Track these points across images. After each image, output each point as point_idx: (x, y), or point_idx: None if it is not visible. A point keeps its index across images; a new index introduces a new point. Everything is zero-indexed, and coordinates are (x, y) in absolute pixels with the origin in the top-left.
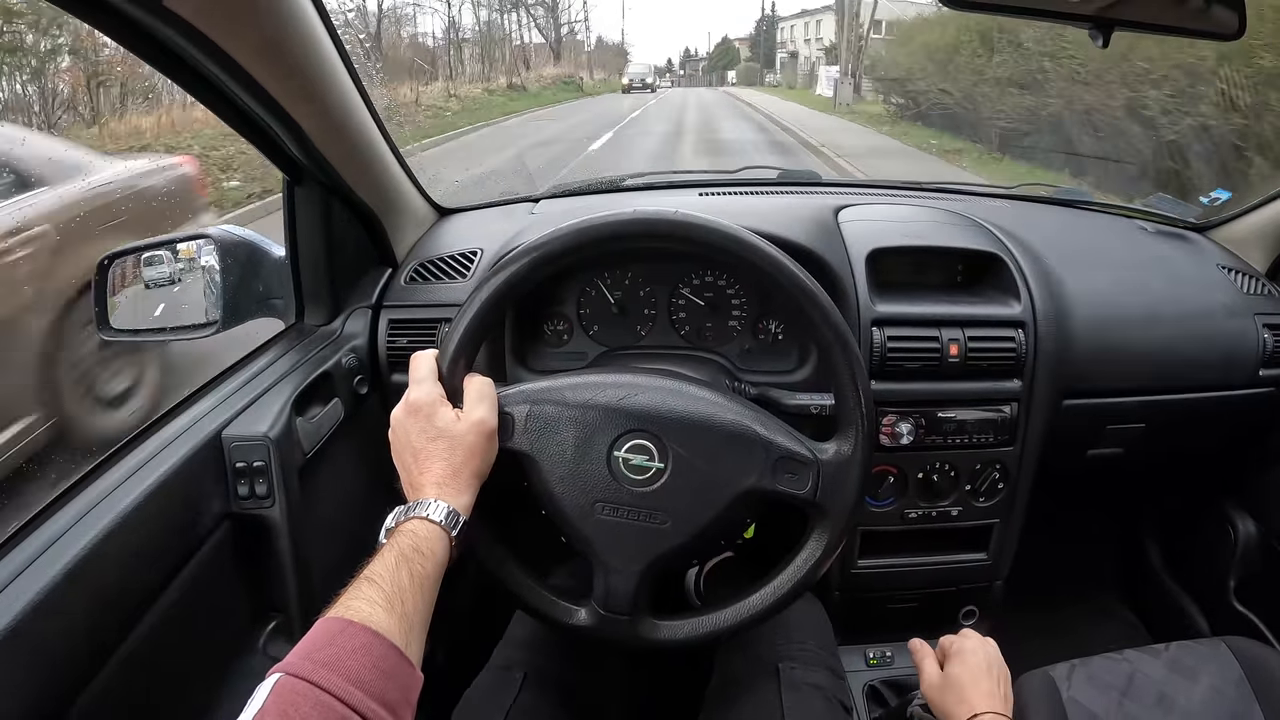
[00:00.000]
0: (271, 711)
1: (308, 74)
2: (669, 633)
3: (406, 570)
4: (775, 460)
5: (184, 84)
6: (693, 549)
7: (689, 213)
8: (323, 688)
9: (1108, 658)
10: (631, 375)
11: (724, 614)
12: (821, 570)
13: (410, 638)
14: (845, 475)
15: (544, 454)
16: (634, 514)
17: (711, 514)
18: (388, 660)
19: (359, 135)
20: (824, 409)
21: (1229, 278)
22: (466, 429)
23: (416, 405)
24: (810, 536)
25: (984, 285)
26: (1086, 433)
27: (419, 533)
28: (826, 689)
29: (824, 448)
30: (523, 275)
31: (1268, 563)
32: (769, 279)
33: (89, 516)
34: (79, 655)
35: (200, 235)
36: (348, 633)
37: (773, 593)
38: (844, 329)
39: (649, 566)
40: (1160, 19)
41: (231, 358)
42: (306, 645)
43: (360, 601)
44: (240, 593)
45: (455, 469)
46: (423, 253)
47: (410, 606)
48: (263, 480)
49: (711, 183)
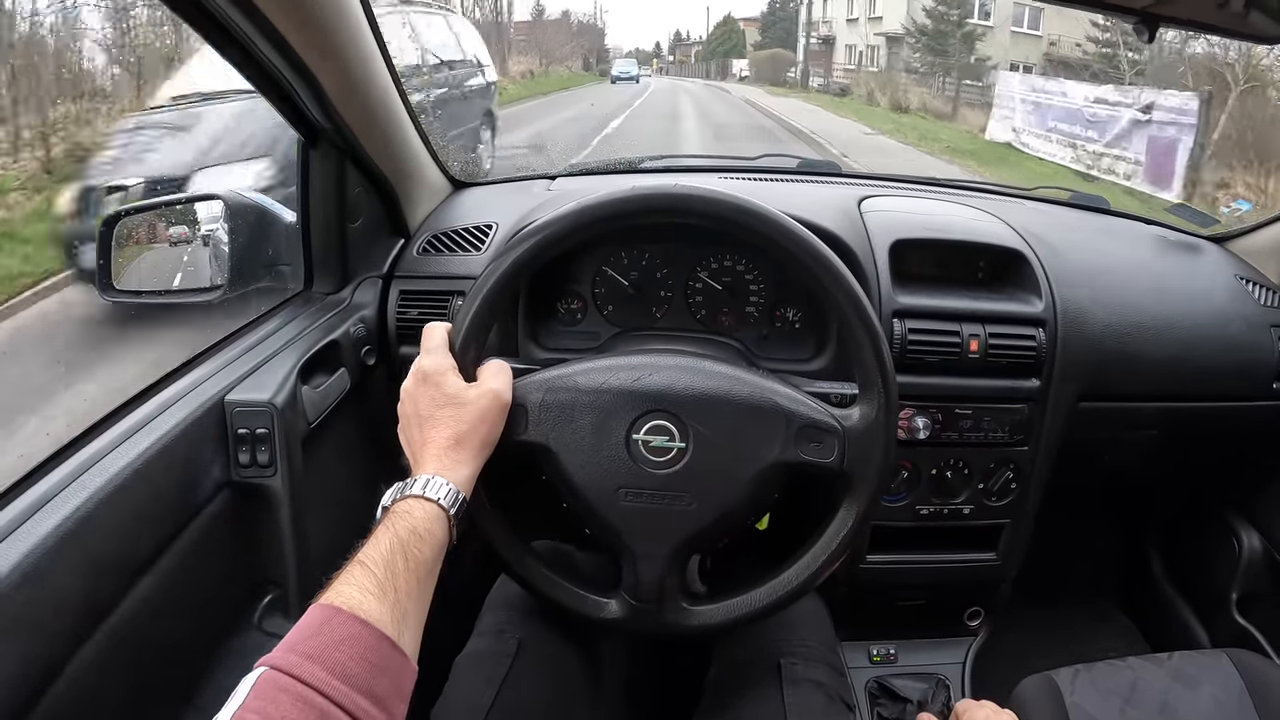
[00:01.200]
0: (251, 708)
1: (331, 29)
2: (703, 618)
3: (402, 555)
4: (798, 430)
5: (206, 34)
6: (721, 528)
7: (689, 184)
8: (305, 681)
9: (1111, 664)
10: (644, 356)
11: (758, 593)
12: (854, 541)
13: (404, 627)
14: (872, 441)
15: (561, 443)
16: (658, 497)
17: (738, 491)
18: (377, 651)
19: (379, 99)
20: (843, 397)
21: (1246, 289)
22: (477, 395)
23: (426, 372)
24: (840, 506)
25: (1006, 282)
26: (1101, 436)
27: (416, 514)
28: (828, 686)
29: (848, 414)
30: (556, 240)
31: (1271, 576)
32: (778, 248)
33: (84, 478)
34: (70, 622)
35: (210, 196)
36: (335, 622)
37: (806, 567)
38: (858, 292)
39: (678, 550)
40: (1201, 17)
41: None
42: (293, 636)
43: (351, 588)
44: (236, 564)
45: (460, 437)
46: (436, 224)
47: (404, 594)
48: (265, 448)
49: (731, 167)
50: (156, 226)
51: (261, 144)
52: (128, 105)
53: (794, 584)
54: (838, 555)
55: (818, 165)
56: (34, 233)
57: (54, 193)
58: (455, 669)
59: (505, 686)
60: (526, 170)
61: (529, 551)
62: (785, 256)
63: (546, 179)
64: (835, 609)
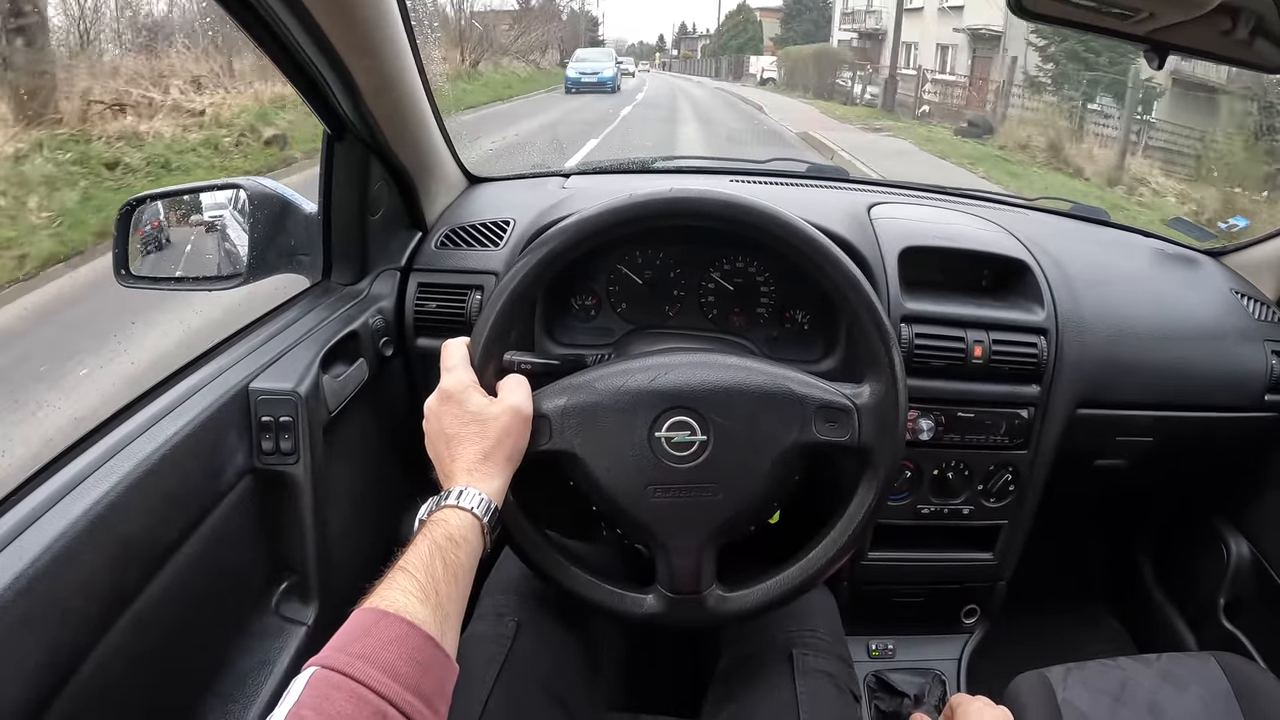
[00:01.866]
0: (307, 705)
1: (371, 27)
2: (740, 603)
3: (440, 560)
4: (814, 411)
5: (246, 27)
6: (748, 514)
7: (683, 187)
8: (358, 680)
9: (1102, 664)
10: (658, 356)
11: (791, 573)
12: (877, 514)
13: (445, 628)
14: (885, 414)
15: (586, 449)
16: (685, 491)
17: (760, 476)
18: (423, 651)
19: (408, 94)
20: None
21: (1241, 303)
22: (499, 411)
23: (449, 392)
24: (861, 482)
25: (1009, 291)
26: (1096, 443)
27: (451, 522)
28: (838, 677)
29: (859, 390)
30: (555, 257)
31: (1259, 584)
32: (773, 238)
33: (112, 462)
34: (97, 607)
35: (231, 184)
36: (383, 624)
37: (834, 542)
38: (854, 271)
39: (709, 539)
40: (1207, 46)
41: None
42: (342, 637)
43: (395, 592)
44: (256, 550)
45: (487, 452)
46: (454, 219)
47: (445, 597)
48: (288, 436)
49: (741, 170)
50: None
51: None
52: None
53: (822, 560)
54: (863, 529)
55: (827, 170)
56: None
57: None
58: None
59: (506, 666)
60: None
61: (564, 557)
62: (782, 246)
63: (560, 176)
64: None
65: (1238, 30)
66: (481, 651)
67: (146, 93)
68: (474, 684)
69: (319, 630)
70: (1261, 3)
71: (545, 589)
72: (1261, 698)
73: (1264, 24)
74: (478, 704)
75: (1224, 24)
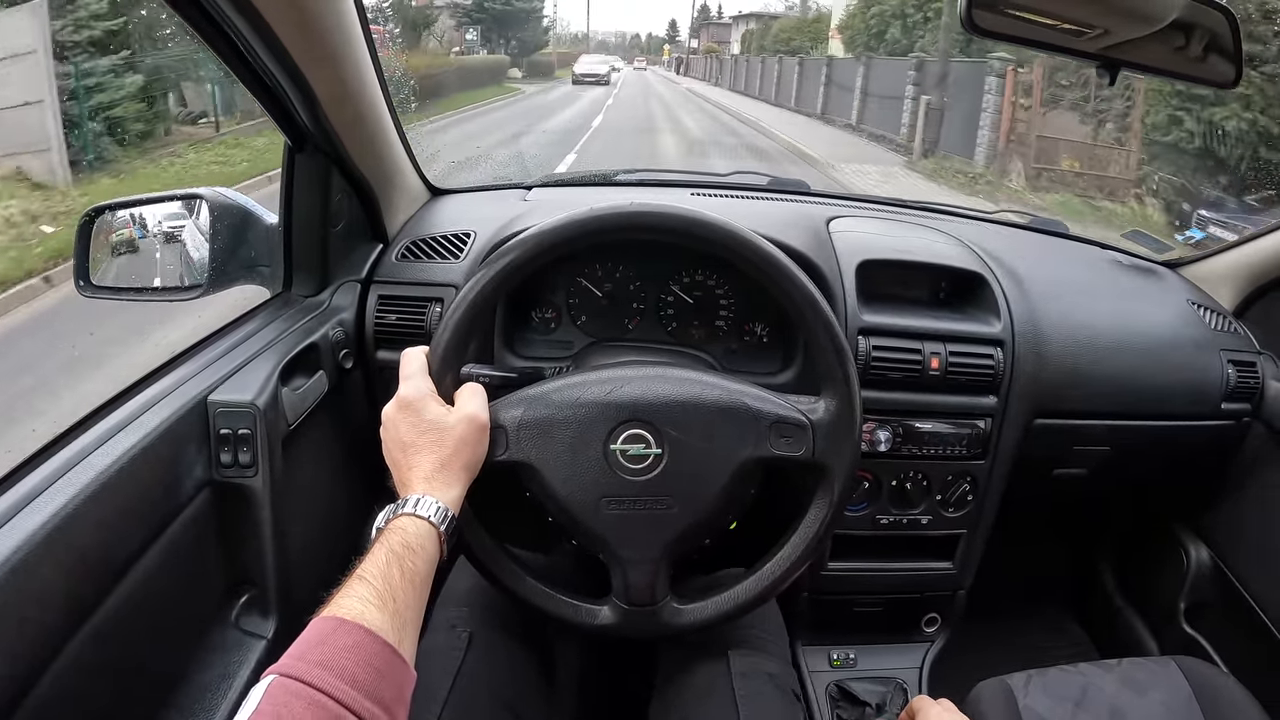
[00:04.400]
0: (266, 713)
1: (329, 38)
2: (694, 615)
3: (398, 567)
4: (768, 426)
5: (204, 36)
6: (703, 527)
7: (643, 202)
8: (317, 687)
9: (1063, 669)
10: (615, 369)
11: (745, 586)
12: (830, 529)
13: (403, 635)
14: (840, 429)
15: (542, 460)
16: (640, 503)
17: (715, 490)
18: (381, 658)
19: (368, 106)
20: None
21: (1197, 313)
22: (456, 421)
23: (407, 400)
24: (815, 496)
25: (966, 303)
26: (1054, 452)
27: (409, 530)
28: (777, 676)
29: (814, 407)
30: (515, 269)
31: (1219, 589)
32: (734, 255)
33: (70, 474)
34: (55, 619)
35: (192, 195)
36: (340, 631)
37: (787, 557)
38: (812, 290)
39: (664, 552)
40: (1162, 64)
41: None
42: (300, 646)
43: (353, 600)
44: (215, 563)
45: (444, 461)
46: (415, 231)
47: (403, 604)
48: (247, 449)
49: (703, 184)
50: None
51: None
52: None
53: (776, 574)
54: (816, 543)
55: (787, 184)
56: None
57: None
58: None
59: (459, 679)
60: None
61: (521, 568)
62: (742, 264)
63: (523, 189)
64: (797, 614)
65: (1191, 47)
66: (435, 664)
67: None
68: (428, 696)
69: (279, 643)
70: (1214, 19)
71: (498, 600)
72: (1223, 701)
73: (1217, 40)
74: (432, 716)
75: (1177, 40)
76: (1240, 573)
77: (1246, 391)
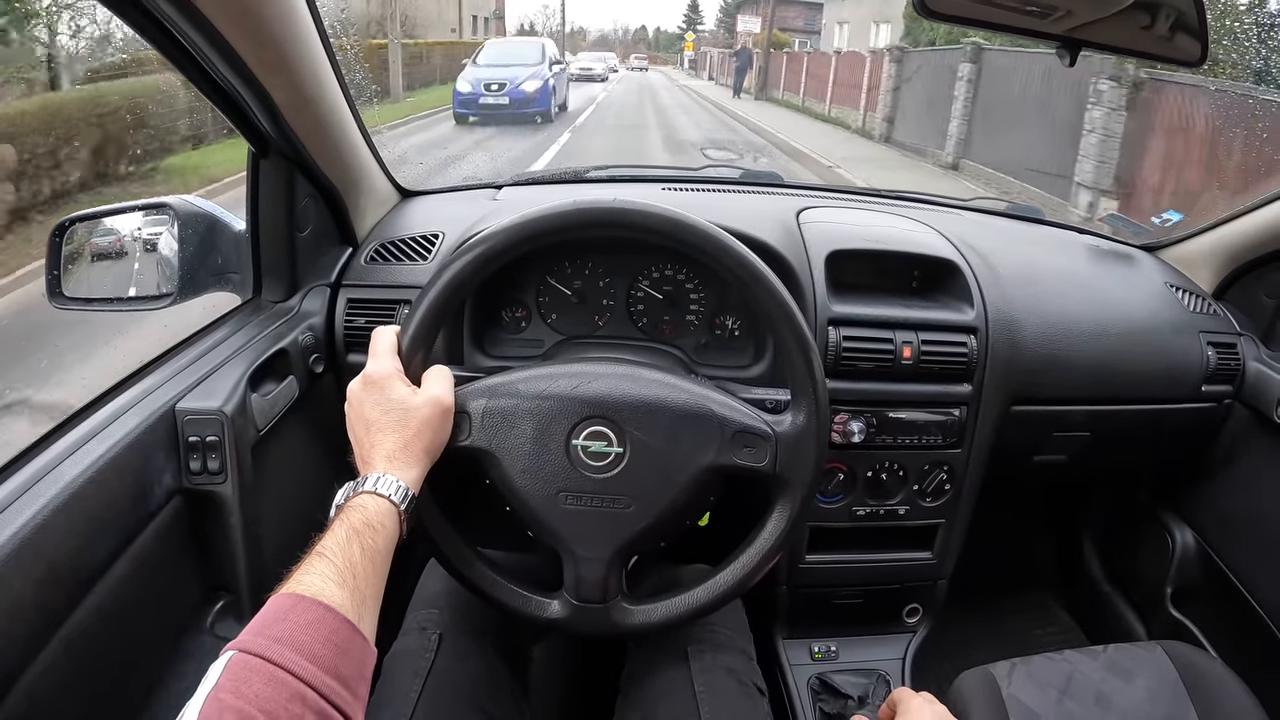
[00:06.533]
0: (225, 689)
1: (283, 45)
2: (644, 616)
3: (358, 545)
4: (732, 435)
5: (159, 46)
6: (659, 530)
7: (629, 199)
8: (276, 663)
9: (1047, 657)
10: (584, 364)
11: (697, 592)
12: (787, 540)
13: (363, 612)
14: (803, 445)
15: (503, 448)
16: (597, 500)
17: (674, 493)
18: (340, 634)
19: (329, 111)
20: (779, 404)
21: (1176, 296)
22: (421, 403)
23: (373, 378)
24: (774, 508)
25: (939, 291)
26: (1033, 439)
27: (369, 507)
28: (738, 671)
29: (780, 419)
30: (498, 253)
31: (1204, 572)
32: (714, 261)
33: (37, 487)
34: (25, 630)
35: (160, 205)
36: (300, 608)
37: (743, 567)
38: (790, 304)
39: (617, 552)
40: (1126, 43)
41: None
42: (259, 622)
43: (313, 576)
44: (189, 571)
45: (406, 442)
46: (384, 233)
47: (362, 581)
48: (215, 456)
49: (675, 178)
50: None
51: None
52: None
53: (731, 582)
54: (772, 555)
55: (759, 176)
56: None
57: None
58: (384, 668)
59: (430, 679)
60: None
61: (474, 554)
62: (721, 269)
63: (493, 188)
64: (776, 607)
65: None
66: (406, 666)
67: None
68: (398, 698)
69: None
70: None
71: (470, 603)
72: (1210, 684)
73: (1183, 19)
74: (403, 718)
75: (1143, 20)
76: (1225, 555)
77: (1227, 374)
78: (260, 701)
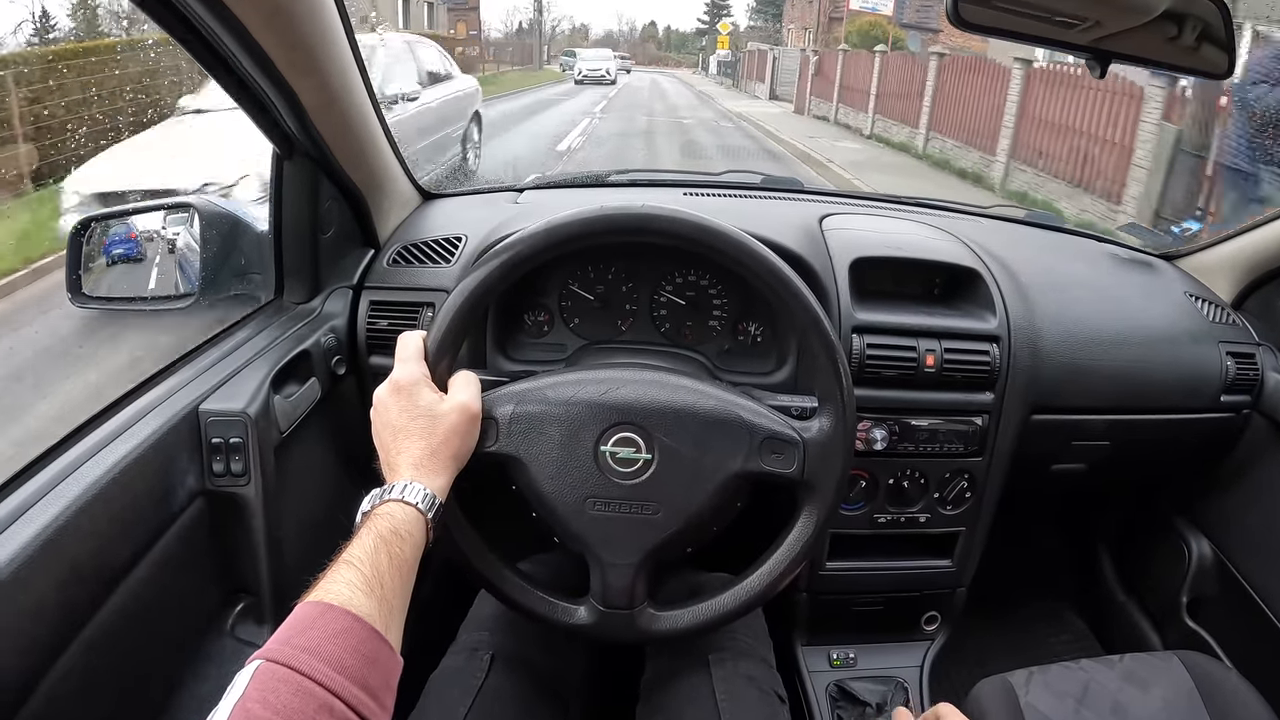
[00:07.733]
0: (253, 698)
1: (312, 47)
2: (670, 623)
3: (385, 553)
4: (760, 441)
5: (189, 47)
6: (686, 536)
7: (655, 204)
8: (304, 673)
9: (1065, 666)
10: (611, 370)
11: (724, 598)
12: (814, 547)
13: (390, 621)
14: (830, 451)
15: (530, 455)
16: (625, 507)
17: (702, 499)
18: (368, 644)
19: (355, 113)
20: (803, 410)
21: (1195, 305)
22: (449, 409)
23: (400, 384)
24: (800, 514)
25: (961, 299)
26: (1053, 448)
27: (396, 515)
28: (759, 679)
29: (807, 426)
30: (525, 258)
31: (1220, 582)
32: (742, 268)
33: (60, 487)
34: (47, 631)
35: (183, 204)
36: (328, 616)
37: (769, 573)
38: (818, 311)
39: (645, 558)
40: (1153, 54)
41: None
42: (286, 630)
43: (340, 585)
44: (210, 573)
45: (433, 449)
46: (406, 235)
47: (390, 590)
48: (239, 458)
49: (696, 183)
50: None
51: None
52: None
53: (758, 588)
54: (799, 561)
55: (781, 182)
56: None
57: None
58: (430, 685)
59: (478, 701)
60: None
61: (501, 561)
62: (749, 275)
63: (514, 191)
64: (796, 614)
65: (1184, 36)
66: (454, 685)
67: None
68: (447, 716)
69: None
70: (1206, 9)
71: (521, 625)
72: (1226, 695)
73: (1210, 30)
74: None
75: (1170, 31)
76: (1242, 566)
77: (1246, 384)
78: (288, 712)
